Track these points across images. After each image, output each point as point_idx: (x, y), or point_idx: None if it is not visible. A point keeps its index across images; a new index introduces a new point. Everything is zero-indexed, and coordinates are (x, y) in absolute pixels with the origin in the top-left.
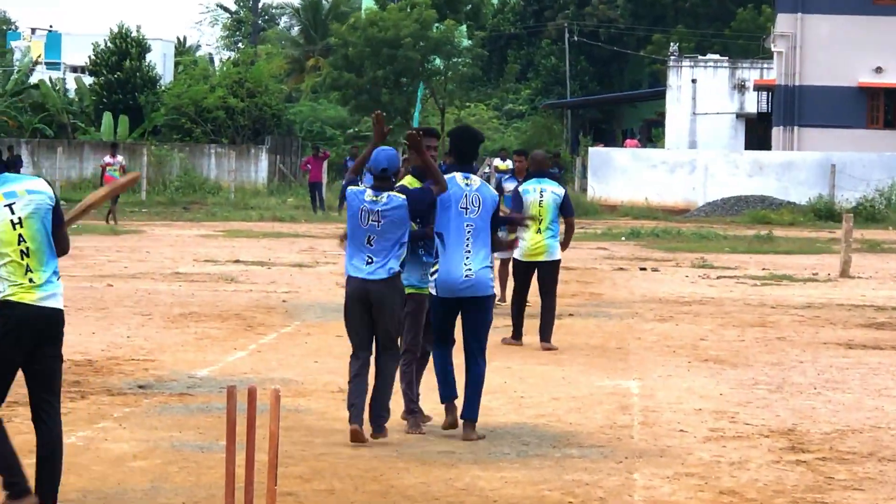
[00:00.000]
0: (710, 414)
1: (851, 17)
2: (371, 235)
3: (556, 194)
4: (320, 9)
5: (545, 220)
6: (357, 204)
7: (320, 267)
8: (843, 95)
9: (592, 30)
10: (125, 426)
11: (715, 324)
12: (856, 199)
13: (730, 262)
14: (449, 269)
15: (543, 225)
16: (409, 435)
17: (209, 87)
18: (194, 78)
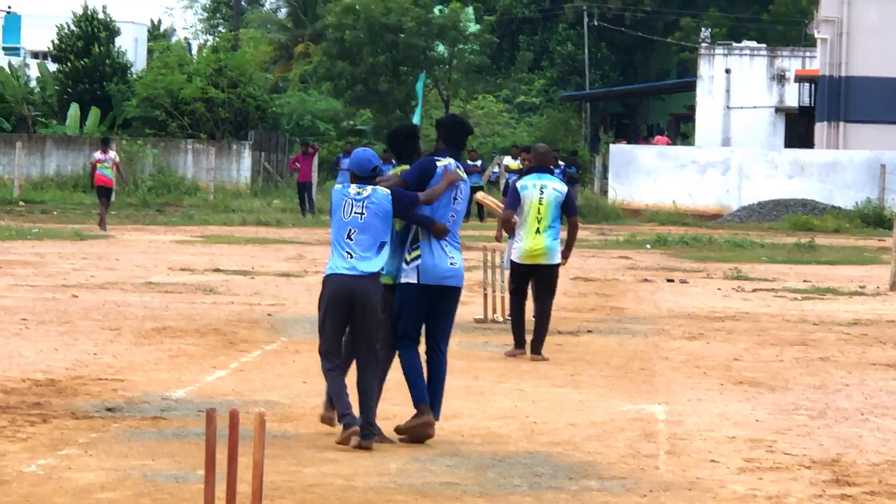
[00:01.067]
0: (745, 442)
1: None
2: (352, 229)
3: (558, 191)
4: None
5: (545, 219)
6: (340, 199)
7: (309, 277)
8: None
9: (615, 13)
10: (91, 453)
11: (750, 342)
12: None
13: (767, 273)
14: (434, 257)
15: (543, 225)
16: (408, 466)
17: (186, 75)
18: (169, 66)
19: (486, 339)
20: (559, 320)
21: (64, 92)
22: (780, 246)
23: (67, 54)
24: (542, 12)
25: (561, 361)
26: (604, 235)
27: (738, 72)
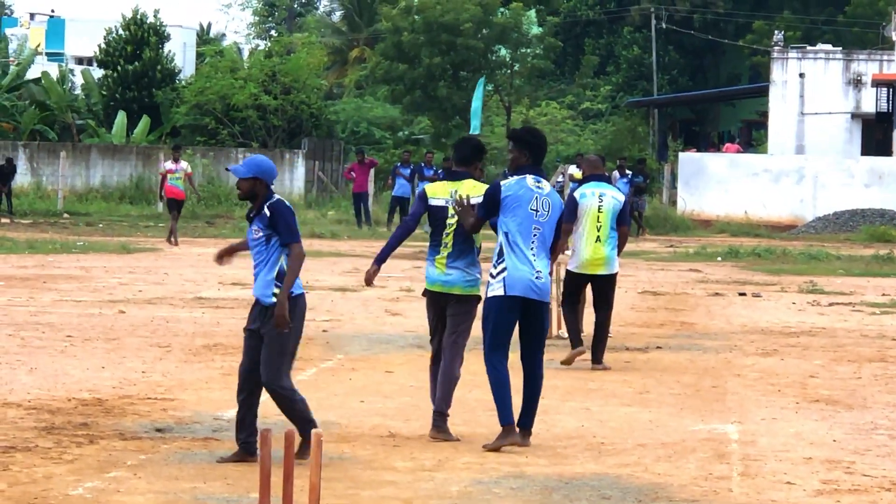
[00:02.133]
0: (822, 463)
1: None
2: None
3: (617, 200)
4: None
5: (604, 228)
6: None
7: (366, 291)
8: None
9: (684, 16)
10: (141, 476)
11: (827, 358)
12: None
13: (844, 286)
14: (519, 268)
15: (603, 234)
16: (471, 489)
17: (238, 81)
18: (220, 71)
19: (551, 357)
20: (627, 336)
21: (111, 99)
22: (858, 258)
23: (116, 59)
24: (608, 14)
25: (629, 379)
26: (673, 247)
27: (812, 76)
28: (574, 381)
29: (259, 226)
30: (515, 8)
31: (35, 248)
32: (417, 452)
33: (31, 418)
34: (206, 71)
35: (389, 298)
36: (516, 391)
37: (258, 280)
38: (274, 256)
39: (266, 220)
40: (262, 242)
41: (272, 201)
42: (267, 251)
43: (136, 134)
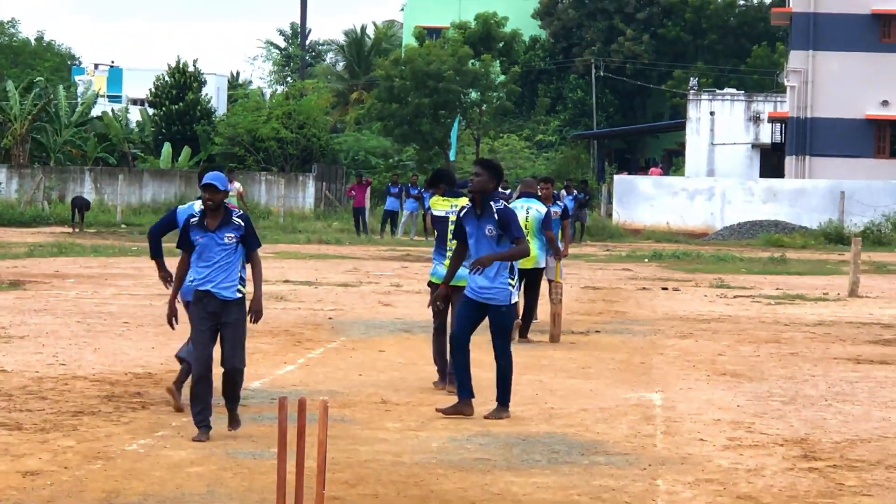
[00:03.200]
0: (728, 424)
1: (860, 53)
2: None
3: (539, 212)
4: (363, 45)
5: (530, 233)
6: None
7: (364, 286)
8: (852, 127)
9: (618, 65)
10: (183, 435)
11: (732, 340)
12: (863, 224)
13: (746, 282)
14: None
15: (530, 238)
16: (447, 445)
17: (263, 117)
18: (248, 109)
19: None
20: (572, 322)
21: (159, 133)
22: (757, 260)
23: (163, 100)
24: (557, 64)
25: (574, 357)
26: (609, 251)
27: (720, 114)
28: (529, 358)
29: (233, 233)
30: (484, 59)
31: (98, 252)
32: (405, 416)
33: (95, 388)
34: (236, 110)
35: (382, 292)
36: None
37: (220, 279)
38: (238, 259)
39: (242, 229)
40: (231, 247)
41: (240, 213)
42: (234, 255)
43: (179, 161)
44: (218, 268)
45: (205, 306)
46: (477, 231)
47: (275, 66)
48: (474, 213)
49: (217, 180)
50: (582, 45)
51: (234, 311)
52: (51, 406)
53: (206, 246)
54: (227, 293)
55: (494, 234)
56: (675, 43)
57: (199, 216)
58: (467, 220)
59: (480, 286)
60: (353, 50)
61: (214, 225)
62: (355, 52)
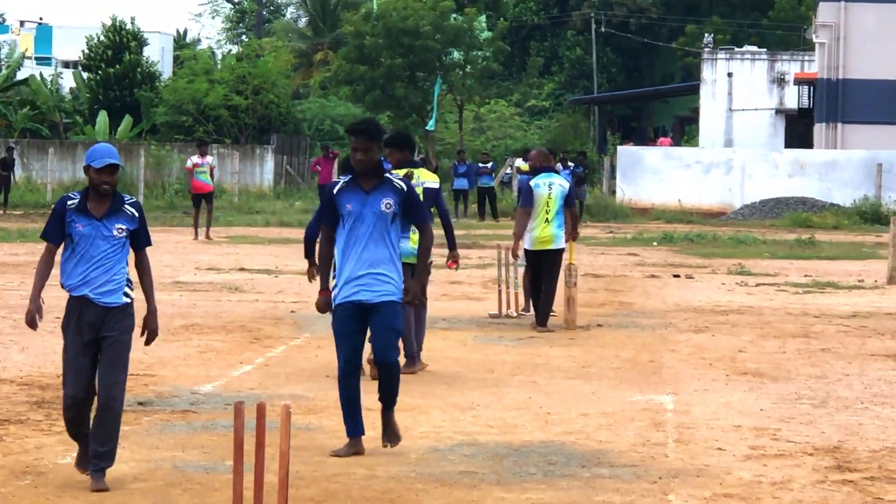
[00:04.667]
0: (750, 431)
1: None
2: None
3: (563, 187)
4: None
5: (552, 211)
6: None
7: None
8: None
9: (621, 20)
10: (124, 446)
11: (754, 334)
12: None
13: (769, 268)
14: None
15: (552, 216)
16: (428, 456)
17: (211, 83)
18: (195, 73)
19: (501, 334)
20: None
21: (95, 100)
22: (782, 242)
23: (98, 63)
24: (552, 19)
25: (573, 354)
26: (612, 233)
27: (739, 75)
28: (521, 356)
29: (125, 224)
30: (468, 13)
31: (25, 237)
32: (378, 423)
33: (23, 393)
34: (183, 73)
35: None
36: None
37: (102, 280)
38: (124, 257)
39: (135, 221)
40: (119, 242)
41: (132, 200)
42: (121, 251)
43: (119, 132)
44: (99, 267)
45: (80, 317)
46: (363, 208)
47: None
48: (357, 186)
49: (116, 157)
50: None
51: (117, 322)
52: None
53: (87, 238)
54: (109, 298)
55: (391, 211)
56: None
57: (78, 198)
58: (346, 196)
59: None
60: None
61: (102, 212)
62: (319, 6)
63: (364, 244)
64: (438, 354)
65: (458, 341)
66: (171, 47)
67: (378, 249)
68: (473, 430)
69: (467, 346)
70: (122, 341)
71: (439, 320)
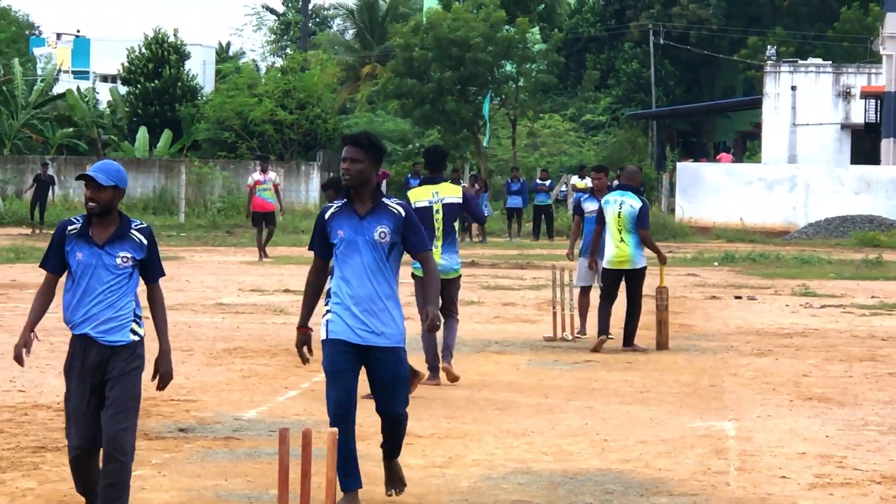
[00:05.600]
0: (816, 458)
1: None
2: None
3: (633, 207)
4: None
5: (624, 230)
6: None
7: None
8: None
9: (680, 31)
10: (165, 474)
11: (819, 358)
12: None
13: (835, 289)
14: None
15: (625, 235)
16: (480, 484)
17: (256, 98)
18: (238, 87)
19: (556, 358)
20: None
21: (134, 114)
22: (848, 262)
23: (137, 77)
24: (608, 31)
25: (630, 378)
26: (671, 253)
27: (803, 89)
28: (577, 380)
29: (131, 252)
30: (521, 24)
31: None
32: (429, 450)
33: (60, 419)
34: (225, 87)
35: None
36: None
37: (106, 317)
38: (132, 290)
39: (143, 249)
40: (124, 273)
41: (141, 225)
42: (127, 283)
43: (158, 148)
44: (101, 301)
45: (83, 358)
46: (356, 236)
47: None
48: (351, 210)
49: (103, 171)
50: (638, 7)
51: (124, 361)
52: (7, 441)
53: (88, 268)
54: (114, 336)
55: (388, 240)
56: (748, 5)
57: (80, 224)
58: (338, 222)
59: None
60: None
61: (104, 238)
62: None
63: (358, 276)
64: (491, 379)
65: (511, 365)
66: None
67: (375, 283)
68: (527, 458)
69: (521, 370)
70: (129, 382)
71: (492, 343)
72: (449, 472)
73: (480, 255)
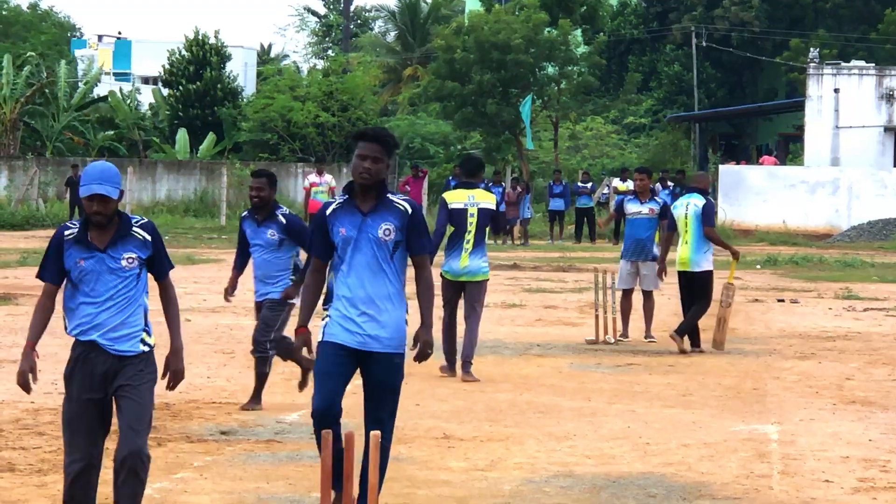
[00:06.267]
0: (859, 462)
1: None
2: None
3: (697, 206)
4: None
5: (689, 232)
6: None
7: None
8: None
9: (723, 34)
10: (206, 476)
11: (862, 361)
12: None
13: (878, 292)
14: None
15: (689, 237)
16: (522, 488)
17: (299, 99)
18: (280, 89)
19: (598, 361)
20: (670, 341)
21: (175, 117)
22: (891, 265)
23: (178, 79)
24: (651, 33)
25: (673, 382)
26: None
27: (846, 91)
28: (619, 383)
29: (136, 252)
30: (563, 26)
31: None
32: (471, 453)
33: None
34: (268, 89)
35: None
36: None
37: (114, 323)
38: (141, 293)
39: (148, 246)
40: (131, 275)
41: (142, 221)
42: (135, 286)
43: (200, 150)
44: (109, 307)
45: (89, 367)
46: (358, 233)
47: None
48: (354, 207)
49: (109, 182)
50: (680, 9)
51: (136, 373)
52: (49, 443)
53: (92, 274)
54: (123, 346)
55: (392, 237)
56: (791, 7)
57: (78, 228)
58: (339, 219)
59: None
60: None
61: (105, 241)
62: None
63: (359, 276)
64: (533, 382)
65: (553, 368)
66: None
67: (377, 283)
68: (569, 461)
69: (563, 373)
70: (143, 395)
71: (534, 346)
72: (491, 476)
73: (522, 257)
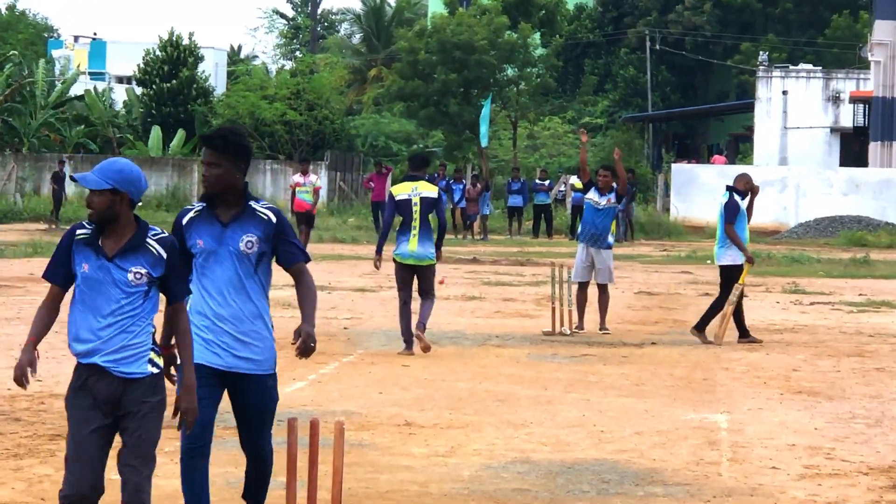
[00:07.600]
0: (805, 450)
1: None
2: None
3: (721, 204)
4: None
5: (718, 228)
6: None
7: (384, 292)
8: None
9: (676, 38)
10: (176, 461)
11: (808, 353)
12: None
13: (824, 287)
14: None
15: (717, 232)
16: (481, 473)
17: (267, 99)
18: (250, 88)
19: (555, 351)
20: (624, 332)
21: (148, 115)
22: (836, 261)
23: (153, 78)
24: (606, 37)
25: (626, 372)
26: (666, 251)
27: (794, 93)
28: (575, 373)
29: (146, 267)
30: (522, 30)
31: None
32: (432, 440)
33: None
34: (238, 88)
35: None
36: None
37: (119, 343)
38: (149, 312)
39: (163, 263)
40: (139, 291)
41: (160, 235)
42: (142, 304)
43: (172, 146)
44: (112, 323)
45: (90, 392)
46: (218, 246)
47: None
48: (213, 217)
49: (99, 172)
50: (635, 14)
51: (143, 398)
52: (25, 429)
53: (95, 283)
54: (129, 368)
55: (255, 250)
56: (741, 12)
57: (90, 230)
58: (197, 230)
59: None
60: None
61: (114, 248)
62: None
63: (221, 293)
64: (492, 371)
65: (511, 358)
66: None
67: (240, 301)
68: (527, 448)
69: (521, 363)
70: (150, 424)
71: (493, 337)
72: (451, 461)
73: (482, 252)
